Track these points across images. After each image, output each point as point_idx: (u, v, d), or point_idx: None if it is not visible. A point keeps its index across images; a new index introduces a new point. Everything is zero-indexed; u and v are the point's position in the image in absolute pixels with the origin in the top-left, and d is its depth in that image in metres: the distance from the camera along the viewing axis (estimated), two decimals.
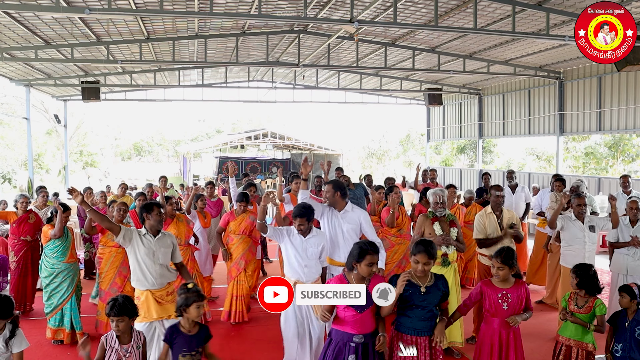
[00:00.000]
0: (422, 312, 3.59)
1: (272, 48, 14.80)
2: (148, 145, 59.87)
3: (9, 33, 10.73)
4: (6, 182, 26.38)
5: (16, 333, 3.33)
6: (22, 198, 7.01)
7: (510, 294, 3.89)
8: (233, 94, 20.53)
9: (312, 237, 4.71)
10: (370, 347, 3.51)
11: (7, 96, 30.22)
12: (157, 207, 4.54)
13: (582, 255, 5.71)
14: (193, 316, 3.53)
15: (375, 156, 42.32)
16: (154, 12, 9.09)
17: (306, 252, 4.67)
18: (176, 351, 3.51)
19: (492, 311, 3.91)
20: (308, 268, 4.68)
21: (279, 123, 48.47)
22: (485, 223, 5.78)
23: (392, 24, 9.15)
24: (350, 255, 3.56)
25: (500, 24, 10.53)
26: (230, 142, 30.20)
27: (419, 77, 17.74)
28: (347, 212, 5.11)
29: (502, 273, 3.89)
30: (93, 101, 15.63)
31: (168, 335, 3.55)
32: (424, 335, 3.61)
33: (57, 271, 5.77)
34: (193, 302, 3.50)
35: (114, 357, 3.47)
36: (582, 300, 4.19)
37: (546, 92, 15.32)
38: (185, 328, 3.55)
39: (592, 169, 25.43)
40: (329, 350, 3.54)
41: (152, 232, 4.53)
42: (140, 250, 4.46)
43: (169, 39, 12.43)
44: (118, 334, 3.47)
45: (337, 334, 3.54)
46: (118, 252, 5.75)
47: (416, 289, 3.61)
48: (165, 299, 4.50)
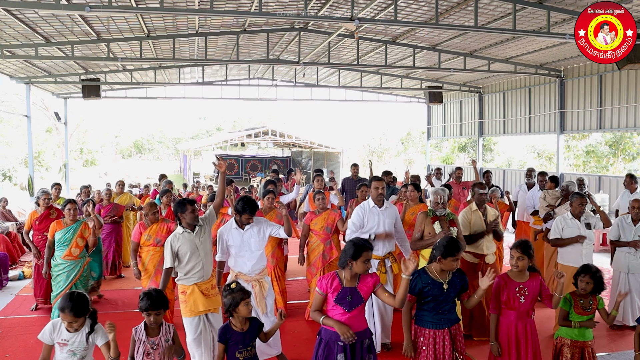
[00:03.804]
0: (440, 305, 3.65)
1: (272, 46, 14.78)
2: (148, 143, 59.89)
3: (9, 30, 10.73)
4: (6, 180, 26.36)
5: (95, 328, 3.39)
6: (44, 195, 7.06)
7: (526, 287, 3.94)
8: (233, 92, 20.53)
9: (250, 228, 4.87)
10: (358, 345, 3.49)
11: (7, 94, 30.23)
12: (191, 205, 4.60)
13: (579, 253, 5.69)
14: (243, 314, 3.59)
15: (376, 154, 42.28)
16: (154, 10, 9.08)
17: (249, 245, 4.84)
18: (232, 349, 3.58)
19: (510, 304, 3.94)
20: (252, 260, 4.84)
21: (279, 121, 48.55)
22: (471, 220, 5.82)
23: (392, 21, 9.14)
24: (345, 253, 3.54)
25: (501, 22, 10.51)
26: (230, 139, 30.20)
27: (419, 75, 17.73)
28: (387, 208, 5.39)
29: (522, 263, 3.94)
30: (93, 99, 15.62)
31: (222, 335, 3.59)
32: (443, 328, 3.66)
33: (56, 264, 6.05)
34: (241, 301, 3.56)
35: (142, 350, 3.54)
36: (587, 302, 4.16)
37: (547, 90, 15.30)
38: (237, 327, 3.61)
39: (592, 167, 25.41)
40: (320, 349, 3.52)
41: (190, 228, 4.59)
42: (183, 247, 4.53)
43: (169, 37, 12.42)
44: (153, 326, 3.55)
45: (326, 332, 3.52)
46: (156, 251, 5.87)
47: (438, 285, 3.65)
48: (211, 292, 4.61)
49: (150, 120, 57.40)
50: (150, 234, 5.95)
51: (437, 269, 3.69)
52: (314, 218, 6.41)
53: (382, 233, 5.30)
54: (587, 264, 4.38)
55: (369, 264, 3.52)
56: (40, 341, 3.37)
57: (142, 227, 6.03)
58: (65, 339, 3.32)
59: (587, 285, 4.14)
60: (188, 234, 4.55)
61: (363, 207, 5.38)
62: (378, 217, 5.30)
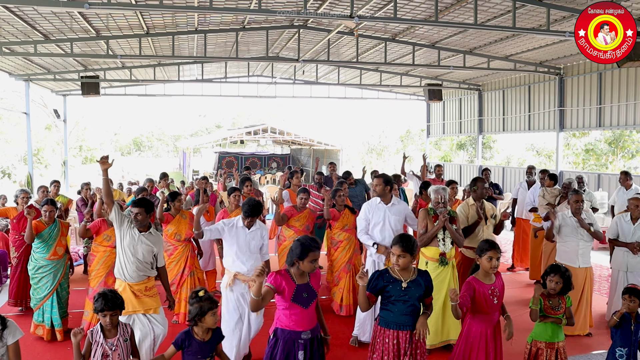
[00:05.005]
0: (404, 306, 3.57)
1: (271, 43, 14.76)
2: (148, 140, 59.87)
3: (8, 27, 10.70)
4: (6, 177, 26.35)
5: (8, 324, 3.23)
6: (23, 193, 6.99)
7: (497, 287, 3.92)
8: (233, 89, 20.52)
9: (255, 230, 4.92)
10: (315, 341, 3.53)
11: (6, 91, 30.22)
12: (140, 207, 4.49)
13: (575, 252, 5.71)
14: (209, 324, 3.47)
15: (375, 152, 42.31)
16: (153, 7, 9.07)
17: (249, 245, 4.87)
18: (190, 357, 3.47)
19: (484, 308, 3.88)
20: (250, 261, 4.87)
21: (278, 118, 48.45)
22: (469, 214, 5.84)
23: (392, 19, 9.14)
24: (292, 252, 3.52)
25: (501, 20, 10.50)
26: (230, 137, 30.15)
27: (419, 72, 17.71)
28: (394, 204, 5.47)
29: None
30: (92, 96, 15.55)
31: (179, 341, 3.46)
32: (405, 330, 3.60)
33: (39, 266, 5.79)
34: (209, 311, 3.43)
35: (99, 352, 3.44)
36: (556, 301, 4.18)
37: (546, 88, 15.29)
38: (199, 335, 3.48)
39: (592, 165, 25.41)
40: (277, 350, 3.46)
41: (140, 228, 4.53)
42: (124, 240, 4.48)
43: (168, 34, 12.40)
44: (109, 327, 3.47)
45: (283, 332, 3.47)
46: (112, 252, 5.67)
47: (397, 284, 3.60)
48: (144, 293, 4.52)
49: (149, 118, 57.37)
50: (109, 234, 5.70)
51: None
52: (296, 214, 6.48)
53: (383, 247, 5.37)
54: (556, 264, 4.39)
55: (316, 264, 3.51)
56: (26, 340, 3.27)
57: (104, 225, 5.76)
58: None
59: (557, 285, 4.15)
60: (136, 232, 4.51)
61: (370, 203, 5.56)
62: (384, 213, 5.40)
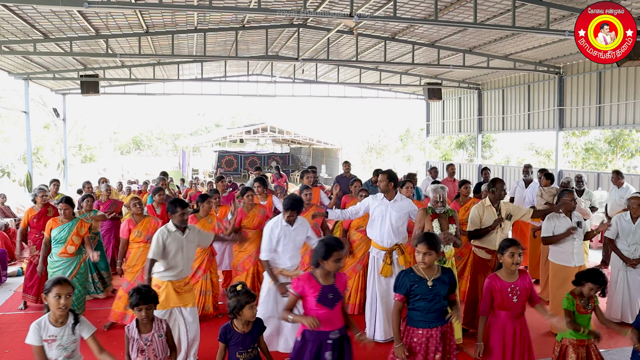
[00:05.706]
0: (430, 304, 3.64)
1: (271, 42, 14.75)
2: (147, 139, 59.89)
3: (8, 26, 10.68)
4: (5, 176, 26.32)
5: (80, 320, 3.37)
6: (41, 192, 6.96)
7: (518, 286, 3.93)
8: (232, 88, 20.51)
9: (298, 226, 5.00)
10: (344, 341, 3.56)
11: (5, 90, 30.14)
12: (181, 208, 4.67)
13: (570, 251, 5.67)
14: (247, 317, 3.60)
15: (375, 151, 42.30)
16: (153, 6, 9.07)
17: (294, 240, 4.96)
18: (233, 350, 3.61)
19: (504, 305, 3.92)
20: (294, 257, 4.97)
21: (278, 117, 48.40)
22: (483, 215, 5.67)
23: (391, 18, 9.13)
24: (316, 252, 3.54)
25: (500, 19, 10.50)
26: (229, 136, 30.16)
27: (418, 71, 17.71)
28: (397, 201, 5.49)
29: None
30: (92, 95, 15.56)
31: (222, 334, 3.62)
32: (435, 327, 3.66)
33: (52, 262, 6.02)
34: (246, 304, 3.57)
35: (135, 347, 3.54)
36: (586, 300, 4.12)
37: (546, 87, 15.29)
38: (239, 328, 3.62)
39: (591, 164, 25.41)
40: (306, 351, 3.48)
41: (180, 229, 4.71)
42: (172, 245, 4.63)
43: (168, 33, 12.39)
44: (145, 321, 3.57)
45: (310, 334, 3.48)
46: (145, 247, 5.85)
47: (423, 282, 3.65)
48: (184, 289, 4.75)
49: (149, 117, 57.43)
50: (141, 230, 5.97)
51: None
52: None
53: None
54: (595, 268, 4.23)
55: (341, 263, 3.54)
56: None
57: (131, 224, 6.01)
58: (52, 335, 3.27)
59: (591, 291, 4.06)
60: (179, 234, 4.68)
61: (375, 196, 5.64)
62: (385, 208, 5.45)
